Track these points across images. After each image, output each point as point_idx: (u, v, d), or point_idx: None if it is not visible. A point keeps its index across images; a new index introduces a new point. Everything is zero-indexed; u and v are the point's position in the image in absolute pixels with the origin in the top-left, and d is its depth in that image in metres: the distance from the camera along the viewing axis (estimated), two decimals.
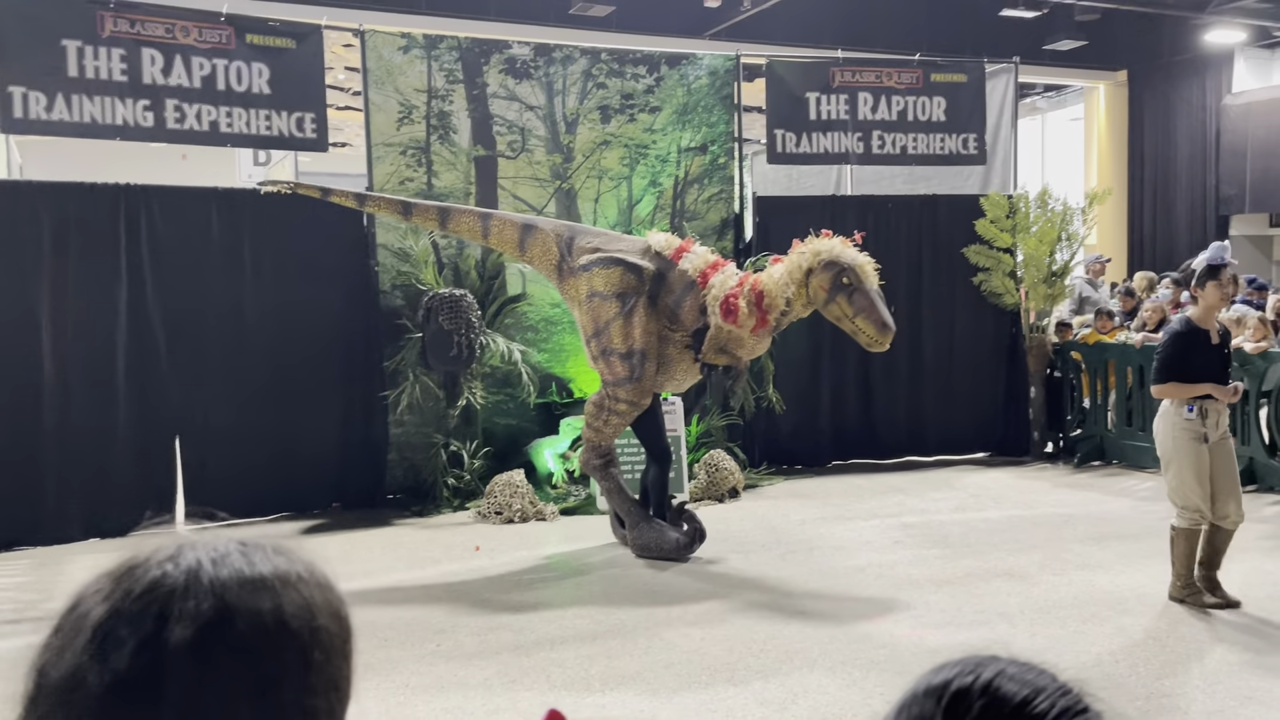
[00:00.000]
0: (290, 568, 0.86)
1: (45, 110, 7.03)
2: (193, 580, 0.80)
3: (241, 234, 7.67)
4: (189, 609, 0.79)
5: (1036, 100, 18.59)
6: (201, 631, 0.78)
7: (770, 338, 6.42)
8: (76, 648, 0.79)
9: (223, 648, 0.78)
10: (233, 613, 0.80)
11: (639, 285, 6.37)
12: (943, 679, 0.81)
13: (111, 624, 0.79)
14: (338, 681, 0.85)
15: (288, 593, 0.83)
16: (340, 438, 7.96)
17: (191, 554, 0.83)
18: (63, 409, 7.13)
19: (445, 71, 8.32)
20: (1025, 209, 9.28)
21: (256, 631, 0.80)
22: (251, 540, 0.88)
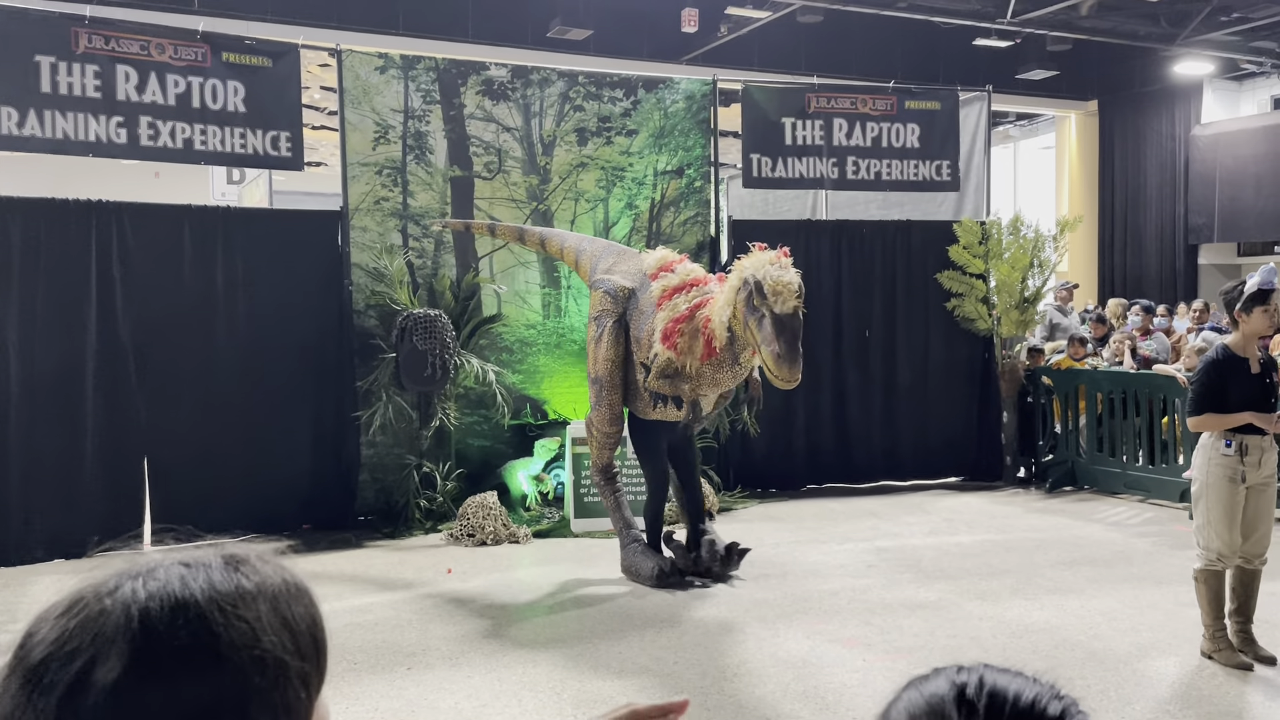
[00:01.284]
0: (238, 585, 0.83)
1: (17, 126, 6.96)
2: (125, 615, 0.78)
3: (214, 252, 7.61)
4: (118, 648, 0.76)
5: (1009, 129, 18.85)
6: (128, 671, 0.75)
7: (736, 368, 5.76)
8: (13, 689, 0.78)
9: (148, 685, 0.76)
10: (160, 647, 0.77)
11: (612, 308, 6.31)
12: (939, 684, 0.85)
13: (45, 665, 0.77)
14: (289, 704, 0.81)
15: (227, 617, 0.80)
16: (311, 458, 7.89)
17: (130, 584, 0.81)
18: (29, 427, 7.02)
19: (422, 92, 8.33)
20: (998, 235, 9.38)
21: (186, 665, 0.77)
22: (198, 560, 0.84)
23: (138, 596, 0.80)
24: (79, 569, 3.34)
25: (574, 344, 8.70)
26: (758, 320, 5.29)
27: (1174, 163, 16.33)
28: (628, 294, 6.30)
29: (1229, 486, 4.78)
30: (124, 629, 0.78)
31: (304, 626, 0.86)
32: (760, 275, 5.30)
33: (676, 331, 5.79)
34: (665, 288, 6.00)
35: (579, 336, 8.71)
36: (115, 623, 0.78)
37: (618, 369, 6.28)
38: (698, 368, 5.78)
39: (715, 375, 5.81)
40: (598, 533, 7.71)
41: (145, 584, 0.81)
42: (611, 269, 6.57)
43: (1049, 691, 0.84)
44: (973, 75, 13.54)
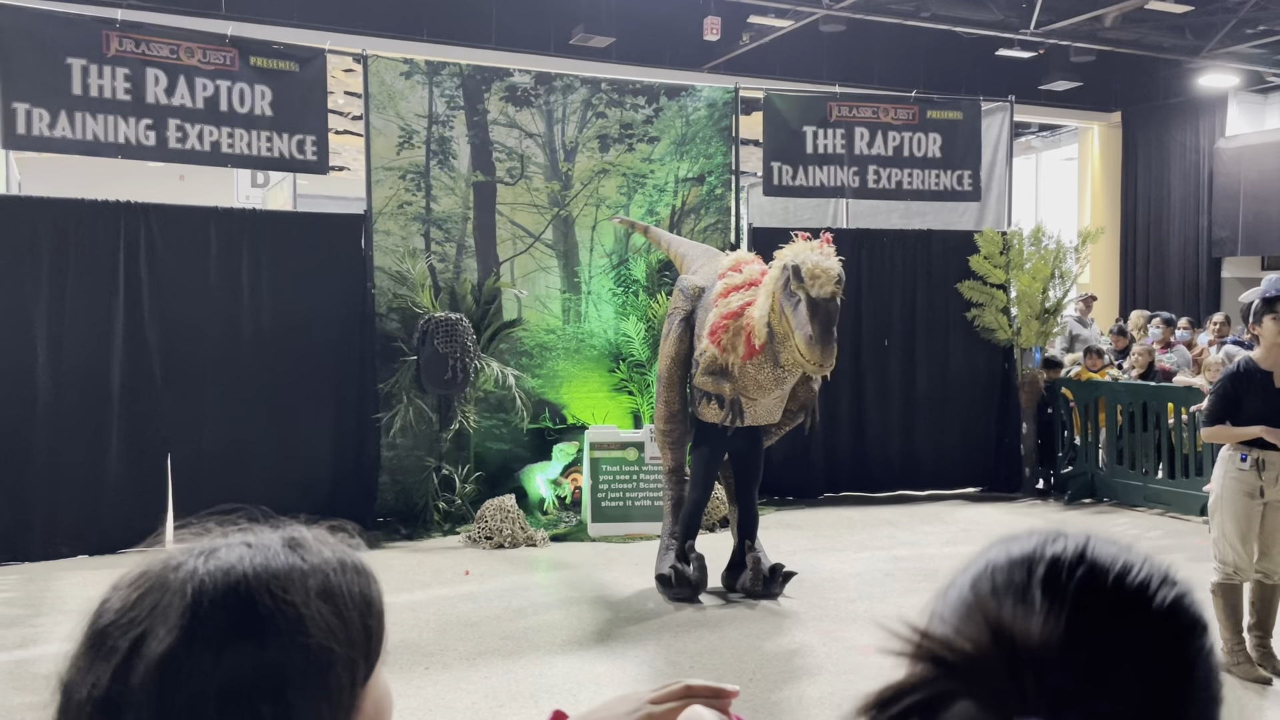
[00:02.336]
0: (292, 566, 0.85)
1: (48, 127, 7.07)
2: (183, 590, 0.81)
3: (239, 254, 7.69)
4: (170, 622, 0.79)
5: (1031, 139, 18.78)
6: (175, 645, 0.78)
7: (778, 370, 5.59)
8: (79, 654, 0.81)
9: (191, 660, 0.78)
10: (208, 625, 0.79)
11: (683, 305, 6.25)
12: (1030, 547, 0.73)
13: (108, 632, 0.80)
14: (329, 691, 0.82)
15: (275, 600, 0.82)
16: (332, 459, 7.95)
17: (193, 560, 0.83)
18: (57, 424, 7.11)
19: (446, 97, 8.40)
20: (1019, 246, 9.36)
21: (229, 643, 0.79)
22: (260, 541, 0.87)
23: (197, 573, 0.82)
24: (102, 565, 3.46)
25: (593, 349, 8.74)
26: (794, 305, 5.15)
27: (1198, 175, 16.23)
28: (698, 292, 6.19)
29: (1244, 501, 4.70)
30: (179, 603, 0.80)
31: (355, 614, 0.86)
32: (800, 260, 5.20)
33: (722, 328, 5.69)
34: (728, 286, 5.85)
35: (598, 342, 8.75)
36: (173, 597, 0.81)
37: (677, 366, 6.19)
38: (740, 366, 5.66)
39: (756, 376, 5.66)
40: (614, 537, 7.74)
41: (206, 561, 0.83)
42: (697, 270, 6.56)
43: (1160, 574, 0.71)
44: (995, 86, 13.50)
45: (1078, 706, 0.64)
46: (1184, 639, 0.70)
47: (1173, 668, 0.68)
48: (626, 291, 8.81)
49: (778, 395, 5.86)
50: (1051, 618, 0.67)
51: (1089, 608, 0.68)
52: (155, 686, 0.78)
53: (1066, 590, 0.69)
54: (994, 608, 0.69)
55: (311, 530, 0.90)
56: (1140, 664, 0.67)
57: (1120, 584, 0.69)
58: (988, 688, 0.64)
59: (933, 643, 0.66)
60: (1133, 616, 0.69)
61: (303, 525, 0.91)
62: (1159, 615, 0.69)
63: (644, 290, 8.76)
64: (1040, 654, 0.65)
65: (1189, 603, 0.71)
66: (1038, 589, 0.69)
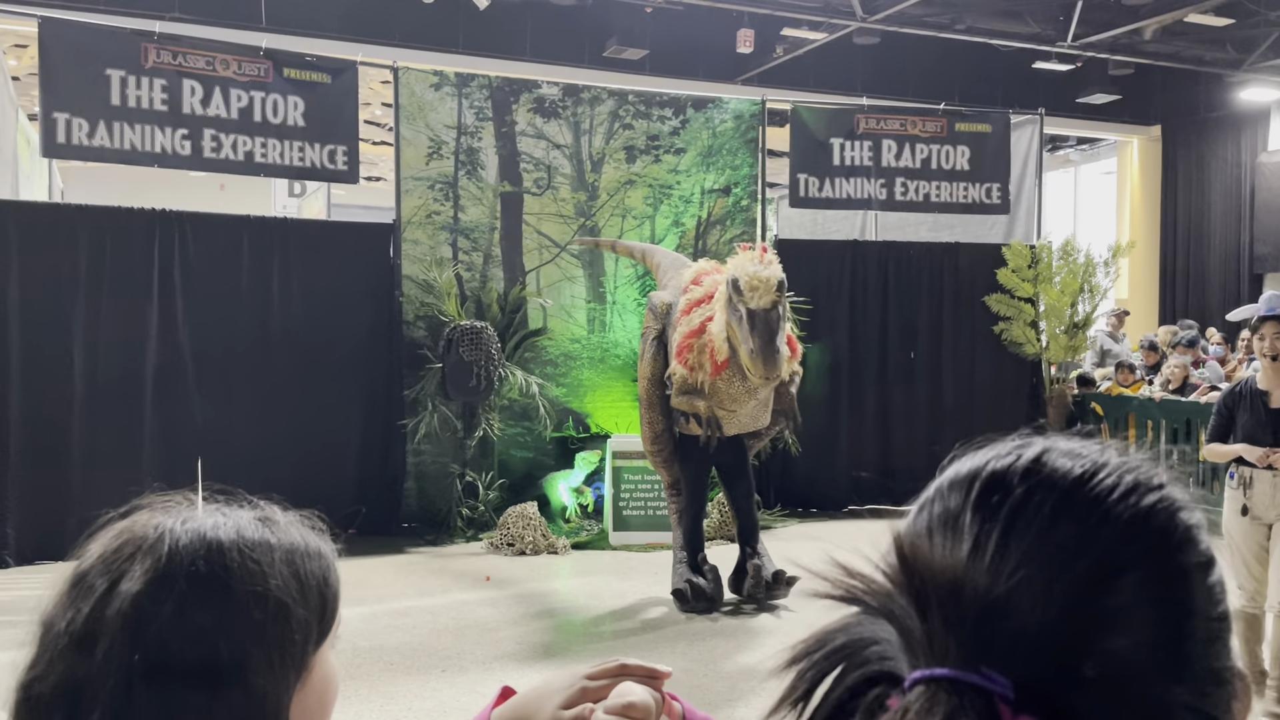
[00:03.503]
0: (260, 537, 0.94)
1: (87, 136, 7.25)
2: (157, 542, 0.91)
3: (271, 262, 7.83)
4: (145, 566, 0.89)
5: (1069, 153, 18.60)
6: (147, 585, 0.88)
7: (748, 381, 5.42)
8: (60, 592, 0.92)
9: (160, 601, 0.88)
10: (176, 570, 0.89)
11: (653, 323, 6.22)
12: (976, 462, 0.63)
13: (89, 574, 0.91)
14: (283, 644, 0.91)
15: (243, 558, 0.91)
16: (359, 464, 8.05)
17: (172, 521, 0.94)
18: (91, 426, 7.27)
19: (475, 109, 8.51)
20: (1048, 259, 9.28)
21: (196, 589, 0.89)
22: (235, 513, 0.97)
23: (174, 530, 0.93)
24: None
25: (617, 359, 8.78)
26: (737, 319, 5.11)
27: (1239, 190, 15.98)
28: (667, 309, 6.14)
29: (1234, 520, 4.75)
30: (154, 552, 0.91)
31: (314, 582, 0.96)
32: (738, 272, 5.17)
33: (687, 347, 5.62)
34: (690, 301, 5.78)
35: (623, 351, 8.80)
36: (150, 547, 0.91)
37: (654, 385, 6.11)
38: (710, 383, 5.58)
39: (728, 390, 5.58)
40: (635, 546, 7.76)
41: (184, 522, 0.94)
42: (667, 284, 6.51)
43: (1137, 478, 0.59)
44: (1031, 98, 13.41)
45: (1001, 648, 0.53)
46: (1165, 553, 0.56)
47: (1151, 593, 0.55)
48: None
49: (754, 404, 5.76)
50: (977, 546, 0.56)
51: (1026, 526, 0.56)
52: (128, 619, 0.87)
53: (1001, 509, 0.58)
54: (913, 535, 0.61)
55: (283, 513, 1.00)
56: (1100, 591, 0.54)
57: (1075, 493, 0.57)
58: (901, 630, 0.56)
59: (855, 581, 0.59)
60: (1088, 531, 0.56)
61: (276, 507, 1.01)
62: (1127, 526, 0.56)
63: None
64: (955, 589, 0.55)
65: (1174, 509, 0.57)
66: (969, 511, 0.59)
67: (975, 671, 0.53)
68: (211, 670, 0.88)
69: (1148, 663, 0.55)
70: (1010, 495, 0.59)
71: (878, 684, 0.57)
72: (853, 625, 0.59)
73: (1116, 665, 0.54)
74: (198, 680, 0.87)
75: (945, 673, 0.54)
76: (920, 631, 0.55)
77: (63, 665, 0.87)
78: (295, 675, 0.92)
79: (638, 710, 1.11)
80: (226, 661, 0.88)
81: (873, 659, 0.58)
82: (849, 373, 9.29)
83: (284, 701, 0.91)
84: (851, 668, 0.58)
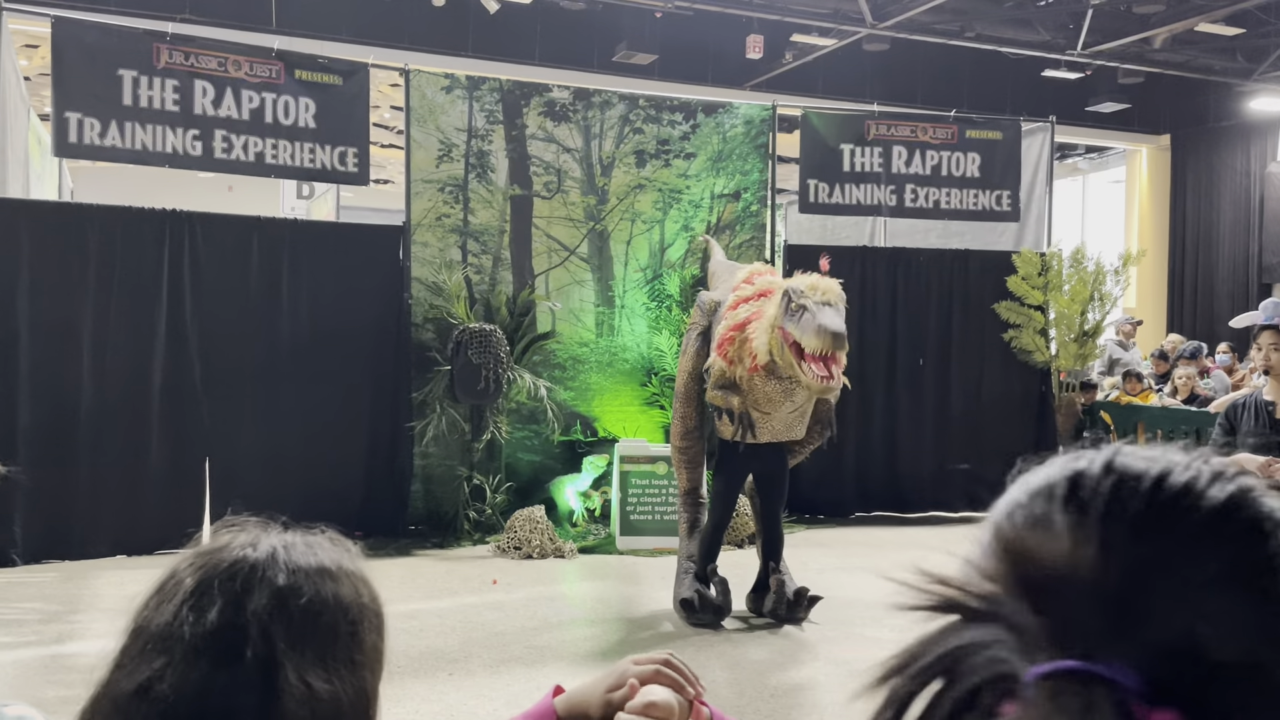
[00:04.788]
0: (340, 560, 1.05)
1: (98, 136, 7.26)
2: (270, 561, 1.00)
3: (280, 262, 7.83)
4: (267, 580, 0.98)
5: (1078, 161, 18.58)
6: (275, 599, 0.97)
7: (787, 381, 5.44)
8: (175, 604, 0.96)
9: (291, 614, 0.97)
10: (300, 588, 0.98)
11: (699, 320, 6.20)
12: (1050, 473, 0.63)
13: (204, 587, 0.97)
14: (378, 651, 1.04)
15: (340, 578, 1.02)
16: (366, 466, 8.04)
17: (267, 541, 1.03)
18: (98, 426, 7.27)
19: (486, 112, 8.51)
20: (1058, 267, 9.26)
21: (318, 604, 0.99)
22: (310, 537, 1.07)
23: (278, 550, 1.01)
24: (139, 565, 3.55)
25: (625, 363, 8.78)
26: (797, 319, 5.10)
27: (1248, 200, 15.95)
28: (715, 306, 6.09)
29: None
30: (271, 570, 0.99)
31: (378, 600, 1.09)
32: (796, 284, 5.26)
33: (729, 340, 5.59)
34: (738, 297, 5.75)
35: (631, 355, 8.79)
36: (264, 565, 0.99)
37: (694, 380, 6.10)
38: (748, 379, 5.54)
39: (764, 388, 5.52)
40: (642, 551, 7.74)
41: (280, 543, 1.03)
42: (719, 286, 6.56)
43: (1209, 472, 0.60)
44: (1041, 106, 13.39)
45: (1122, 641, 0.54)
46: (1251, 541, 0.57)
47: (1242, 579, 0.56)
48: (660, 306, 8.85)
49: (791, 409, 5.68)
50: (1079, 539, 0.57)
51: (1121, 521, 0.57)
52: (264, 626, 0.95)
53: (1092, 505, 0.59)
54: (1014, 536, 0.60)
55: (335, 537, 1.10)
56: (1198, 579, 0.55)
57: (1158, 489, 0.59)
58: (1013, 629, 0.56)
59: (951, 588, 0.59)
60: (1179, 523, 0.57)
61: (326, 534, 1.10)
62: (1213, 517, 0.57)
63: (678, 305, 8.79)
64: (1068, 582, 0.55)
65: (1251, 498, 0.59)
66: (1059, 511, 0.59)
67: (1103, 663, 0.53)
68: (334, 670, 0.96)
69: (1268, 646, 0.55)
70: (1098, 494, 0.60)
71: (984, 693, 0.56)
72: (950, 634, 0.58)
73: (1237, 651, 0.54)
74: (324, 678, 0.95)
75: (1073, 664, 0.54)
76: (1038, 627, 0.55)
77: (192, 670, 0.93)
78: (379, 680, 1.04)
79: (659, 710, 1.13)
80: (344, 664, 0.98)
81: (979, 666, 0.57)
82: (857, 379, 9.21)
83: (377, 701, 1.03)
84: (956, 679, 0.57)
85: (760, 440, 5.78)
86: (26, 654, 5.24)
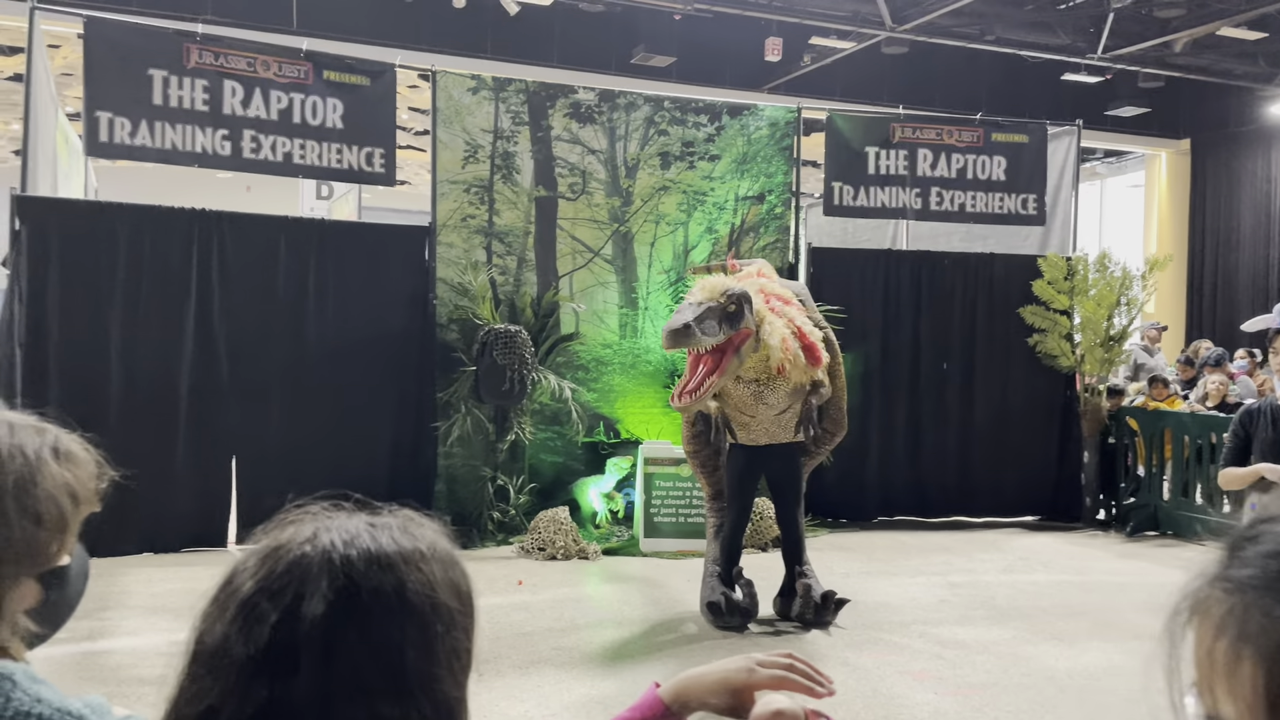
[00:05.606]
0: (414, 545, 0.95)
1: (129, 136, 7.29)
2: (326, 560, 0.90)
3: (307, 262, 7.85)
4: (323, 586, 0.88)
5: (1096, 165, 18.52)
6: (332, 606, 0.87)
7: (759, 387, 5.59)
8: (226, 619, 0.89)
9: (350, 620, 0.87)
10: (359, 589, 0.89)
11: None
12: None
13: (256, 599, 0.89)
14: (458, 651, 0.93)
15: (410, 570, 0.92)
16: (390, 466, 8.05)
17: (326, 536, 0.93)
18: (126, 423, 7.29)
19: (512, 113, 8.52)
20: (1084, 272, 9.22)
21: (380, 605, 0.89)
22: (380, 521, 0.96)
23: (336, 545, 0.91)
24: (166, 562, 3.52)
25: (649, 364, 8.77)
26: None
27: (1269, 205, 15.88)
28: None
29: None
30: (326, 571, 0.89)
31: (464, 586, 0.98)
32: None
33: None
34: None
35: (654, 357, 8.78)
36: (318, 566, 0.90)
37: None
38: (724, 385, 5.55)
39: (736, 393, 5.61)
40: (666, 553, 7.73)
41: (340, 535, 0.92)
42: None
43: None
44: (1060, 110, 13.36)
45: None
46: None
47: None
48: None
49: (771, 411, 5.70)
50: None
51: None
52: (318, 642, 0.86)
53: None
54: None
55: (415, 516, 0.99)
56: None
57: None
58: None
59: None
60: None
61: (406, 512, 1.00)
62: None
63: None
64: None
65: None
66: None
67: None
68: (404, 684, 0.88)
69: None
70: None
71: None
72: None
73: None
74: (392, 696, 0.87)
75: None
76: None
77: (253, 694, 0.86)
78: (467, 678, 0.94)
79: (786, 716, 1.12)
80: (415, 676, 0.88)
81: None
82: (880, 383, 9.25)
83: (464, 707, 0.94)
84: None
85: (758, 443, 5.87)
86: (58, 651, 5.24)
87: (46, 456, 1.24)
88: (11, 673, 1.14)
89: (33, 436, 1.25)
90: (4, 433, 1.21)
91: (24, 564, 1.19)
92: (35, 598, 1.24)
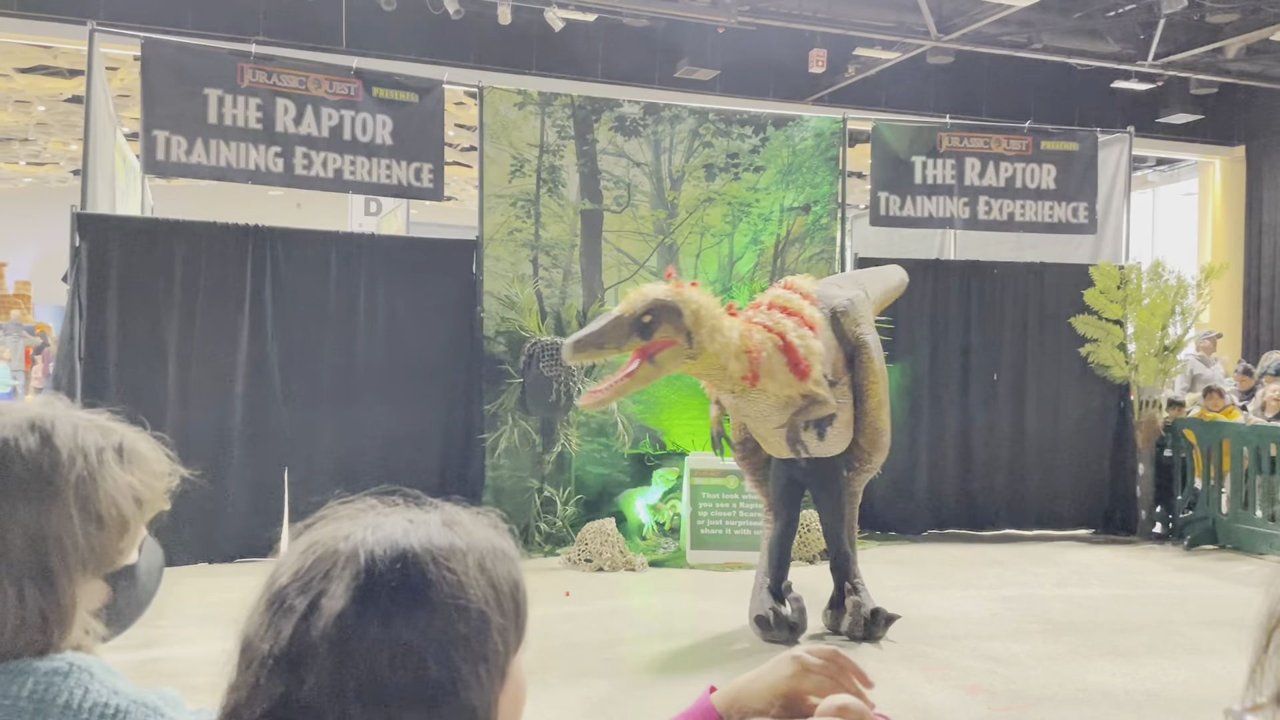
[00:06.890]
0: (449, 543, 0.91)
1: (185, 154, 7.45)
2: (353, 556, 0.88)
3: (358, 276, 7.96)
4: (345, 583, 0.86)
5: (1148, 174, 18.23)
6: (351, 603, 0.85)
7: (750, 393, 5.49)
8: (259, 611, 0.88)
9: (368, 619, 0.84)
10: (380, 587, 0.86)
11: None
12: None
13: (286, 592, 0.87)
14: (487, 655, 0.89)
15: (439, 570, 0.88)
16: (438, 478, 8.11)
17: (361, 532, 0.90)
18: (183, 436, 7.41)
19: (558, 128, 8.58)
20: (1137, 280, 9.06)
21: (401, 605, 0.86)
22: (421, 517, 0.93)
23: (366, 541, 0.89)
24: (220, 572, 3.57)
25: None
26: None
27: None
28: None
29: None
30: (351, 567, 0.87)
31: (506, 587, 0.93)
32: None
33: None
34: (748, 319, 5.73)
35: None
36: (345, 561, 0.88)
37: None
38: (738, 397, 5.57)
39: (735, 404, 5.59)
40: (713, 565, 7.70)
41: (373, 532, 0.90)
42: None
43: None
44: (1110, 118, 13.17)
45: None
46: None
47: None
48: None
49: (769, 423, 5.62)
50: None
51: None
52: (334, 640, 0.84)
53: None
54: None
55: (464, 512, 0.96)
56: None
57: None
58: None
59: None
60: None
61: (456, 507, 0.97)
62: None
63: None
64: None
65: None
66: None
67: None
68: (423, 689, 0.85)
69: None
70: None
71: None
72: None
73: None
74: (410, 701, 0.84)
75: None
76: None
77: (270, 690, 0.85)
78: (499, 686, 0.90)
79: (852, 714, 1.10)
80: (436, 679, 0.85)
81: None
82: (930, 394, 9.16)
83: (492, 715, 0.89)
84: None
85: (782, 455, 5.85)
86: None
87: (109, 459, 1.24)
88: (89, 666, 1.17)
89: (97, 437, 1.25)
90: (68, 434, 1.22)
91: (89, 566, 1.21)
92: (104, 598, 1.26)
